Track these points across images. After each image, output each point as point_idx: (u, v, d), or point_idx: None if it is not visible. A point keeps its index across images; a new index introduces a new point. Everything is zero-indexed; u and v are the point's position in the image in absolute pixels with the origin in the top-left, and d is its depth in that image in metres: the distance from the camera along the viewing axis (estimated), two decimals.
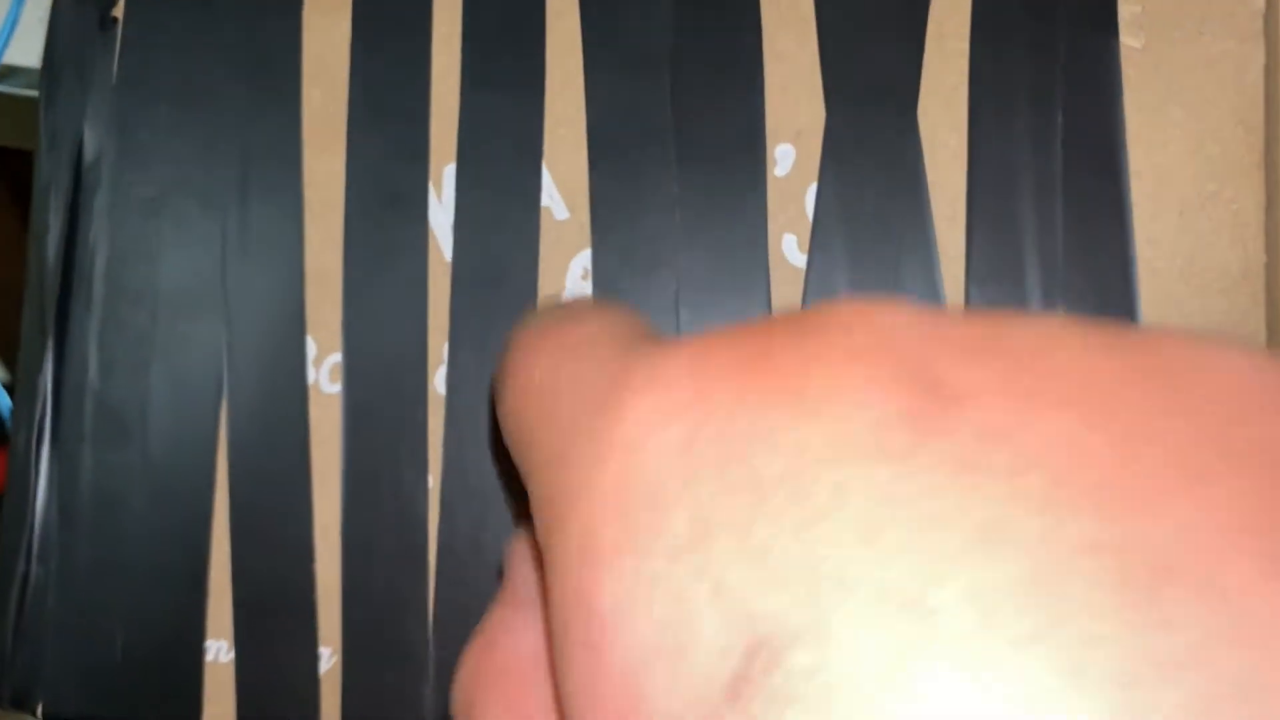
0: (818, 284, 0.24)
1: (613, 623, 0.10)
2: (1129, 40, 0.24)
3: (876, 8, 0.25)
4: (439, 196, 0.25)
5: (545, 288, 0.25)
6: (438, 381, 0.25)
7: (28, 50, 0.34)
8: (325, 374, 0.25)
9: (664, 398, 0.11)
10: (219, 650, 0.25)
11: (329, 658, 0.25)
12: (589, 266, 0.25)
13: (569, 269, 0.25)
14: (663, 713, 0.09)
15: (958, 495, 0.09)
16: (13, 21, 0.32)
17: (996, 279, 0.24)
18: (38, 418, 0.26)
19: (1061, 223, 0.24)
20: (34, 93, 0.34)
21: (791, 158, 0.25)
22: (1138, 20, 0.24)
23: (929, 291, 0.24)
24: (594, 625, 0.10)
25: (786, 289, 0.24)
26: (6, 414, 0.27)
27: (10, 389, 0.27)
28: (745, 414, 0.10)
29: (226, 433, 0.25)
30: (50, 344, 0.26)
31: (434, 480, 0.25)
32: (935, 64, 0.24)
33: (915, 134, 0.24)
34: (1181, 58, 0.24)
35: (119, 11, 0.27)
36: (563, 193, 0.25)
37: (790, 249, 0.24)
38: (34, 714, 0.25)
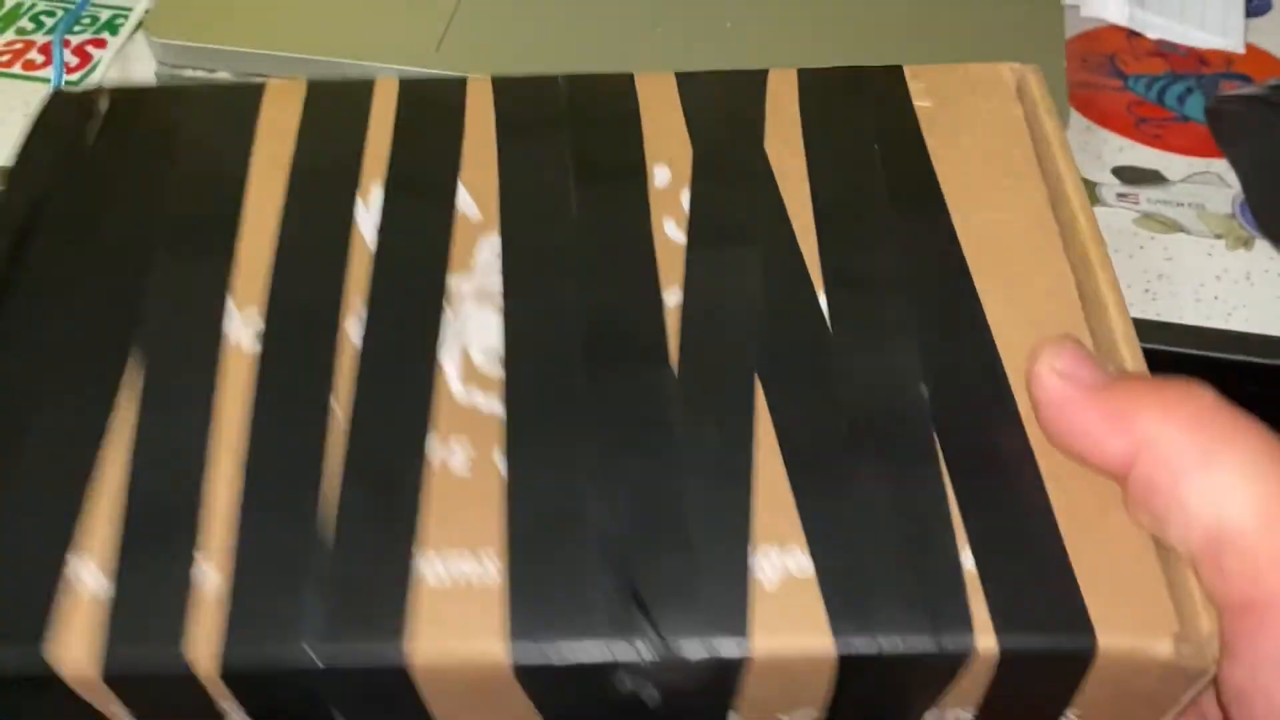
0: (698, 248, 0.28)
1: None
2: (920, 102, 0.31)
3: (726, 91, 0.31)
4: (367, 206, 0.29)
5: (458, 258, 0.28)
6: (351, 328, 0.27)
7: None
8: (246, 334, 0.27)
9: None
10: (89, 575, 0.23)
11: (212, 575, 0.23)
12: (496, 247, 0.28)
13: (478, 248, 0.28)
14: None
15: None
16: None
17: (846, 243, 0.28)
18: None
19: (889, 205, 0.29)
20: None
21: (668, 174, 0.30)
22: (925, 92, 0.32)
23: (789, 250, 0.28)
24: None
25: (669, 256, 0.28)
26: None
27: None
28: None
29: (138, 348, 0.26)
30: None
31: (340, 403, 0.25)
32: (774, 118, 0.31)
33: (763, 154, 0.30)
34: (963, 110, 0.31)
35: (103, 103, 0.32)
36: (478, 203, 0.29)
37: (671, 230, 0.28)
38: None
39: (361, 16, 0.48)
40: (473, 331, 0.27)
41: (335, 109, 0.31)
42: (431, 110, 0.31)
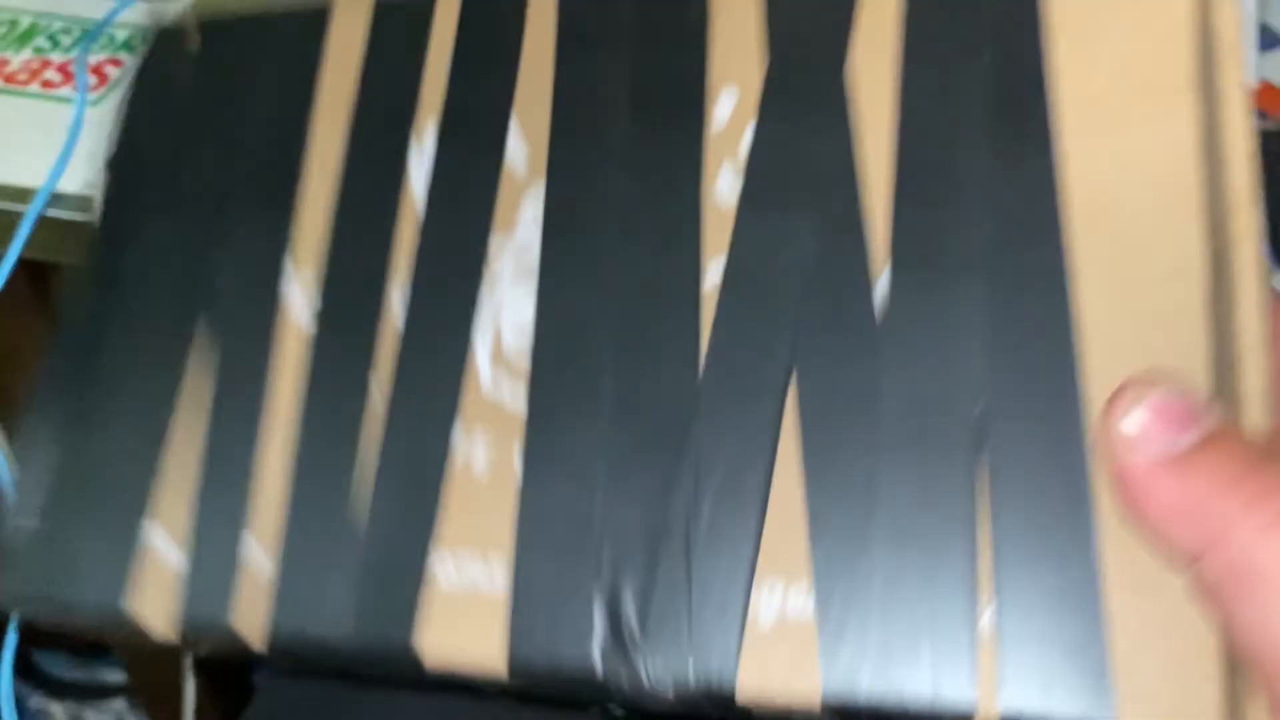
0: (746, 220, 0.25)
1: None
2: None
3: None
4: (420, 149, 0.28)
5: (499, 224, 0.27)
6: (394, 301, 0.27)
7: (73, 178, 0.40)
8: (304, 305, 0.28)
9: None
10: (165, 546, 0.26)
11: (257, 548, 0.25)
12: (540, 211, 0.26)
13: (521, 209, 0.27)
14: None
15: None
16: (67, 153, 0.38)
17: (924, 208, 0.24)
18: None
19: (986, 153, 0.24)
20: (74, 215, 0.40)
21: (732, 104, 0.26)
22: None
23: (850, 218, 0.24)
24: None
25: (718, 223, 0.25)
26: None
27: None
28: None
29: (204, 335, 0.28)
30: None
31: (380, 383, 0.26)
32: (870, 12, 0.26)
33: (842, 80, 0.25)
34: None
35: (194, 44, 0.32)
36: (528, 144, 0.27)
37: (724, 187, 0.25)
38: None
39: None
40: (507, 311, 0.26)
41: (398, 31, 0.30)
42: (491, 24, 0.29)
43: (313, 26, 0.30)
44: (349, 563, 0.25)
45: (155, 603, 0.26)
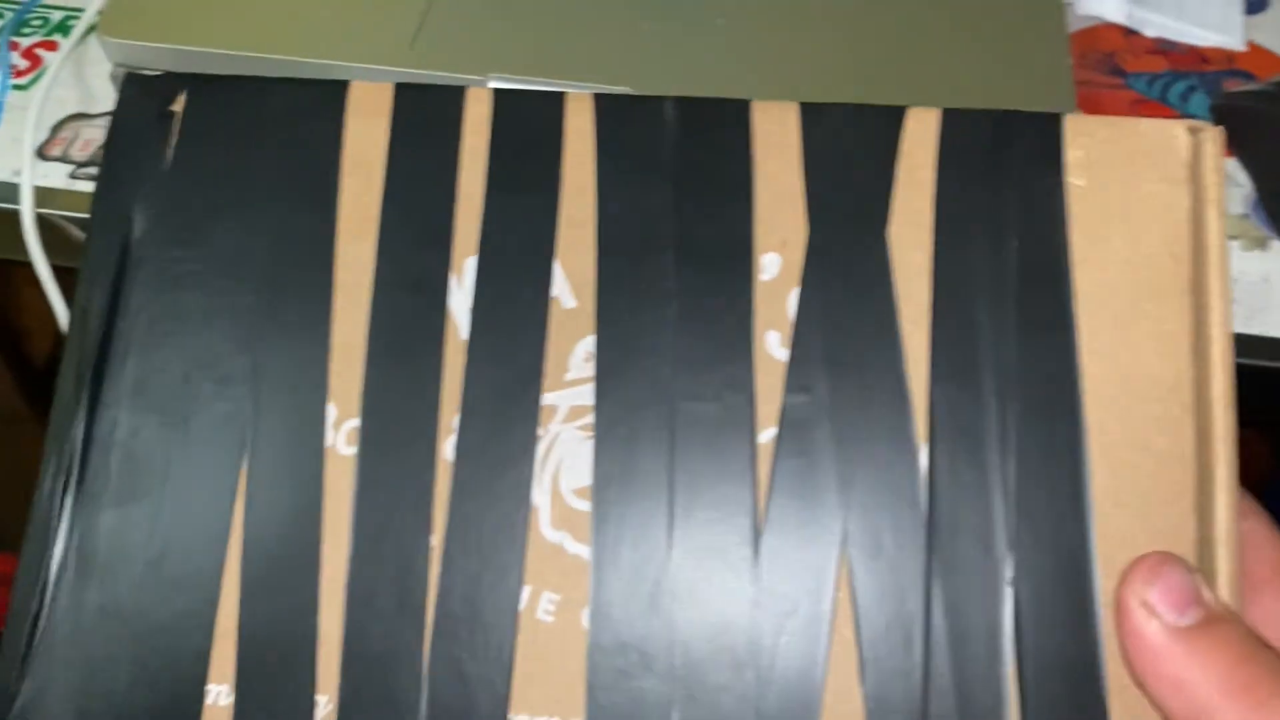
0: (798, 377, 0.27)
1: None
2: (1074, 180, 0.28)
3: (854, 137, 0.28)
4: (460, 283, 0.28)
5: (551, 368, 0.27)
6: (447, 449, 0.27)
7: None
8: (343, 437, 0.27)
9: None
10: (219, 694, 0.26)
11: (325, 705, 0.26)
12: (592, 350, 0.27)
13: (573, 351, 0.27)
14: None
15: None
16: None
17: (956, 380, 0.26)
18: (65, 468, 0.27)
19: (1015, 333, 0.27)
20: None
21: (778, 265, 0.28)
22: (1081, 163, 0.28)
23: (896, 388, 0.27)
24: None
25: (768, 380, 0.27)
26: None
27: None
28: None
29: (245, 487, 0.27)
30: (84, 401, 0.28)
31: (436, 540, 0.26)
32: (905, 189, 0.28)
33: (884, 249, 0.27)
34: (1120, 196, 0.27)
35: (178, 105, 0.30)
36: (572, 284, 0.28)
37: (773, 344, 0.27)
38: None
39: (325, 13, 0.41)
40: (564, 464, 0.27)
41: (424, 131, 0.29)
42: (526, 137, 0.29)
43: (325, 104, 0.29)
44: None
45: None
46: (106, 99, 0.43)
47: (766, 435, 0.27)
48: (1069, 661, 0.25)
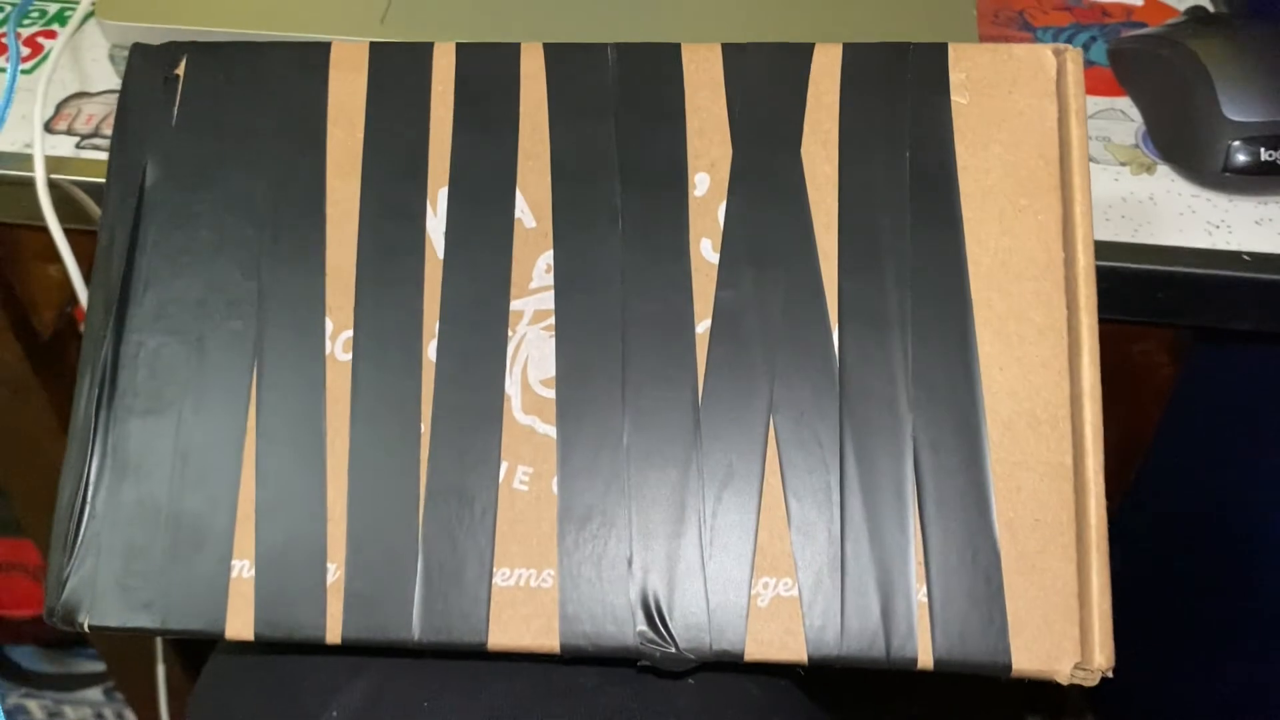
0: (727, 276, 0.31)
1: None
2: (958, 98, 0.32)
3: (770, 71, 0.33)
4: (434, 211, 0.32)
5: (517, 279, 0.32)
6: (430, 351, 0.31)
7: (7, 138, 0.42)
8: (339, 346, 0.32)
9: None
10: (242, 568, 0.30)
11: (334, 571, 0.30)
12: (551, 263, 0.32)
13: (535, 264, 0.32)
14: None
15: None
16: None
17: (862, 272, 0.31)
18: (98, 384, 0.32)
19: (910, 230, 0.31)
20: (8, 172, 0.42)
21: (707, 182, 0.32)
22: (964, 84, 0.32)
23: (811, 281, 0.31)
24: None
25: (703, 280, 0.31)
26: None
27: None
28: None
29: (256, 392, 0.31)
30: (110, 327, 0.32)
31: (425, 428, 0.31)
32: (814, 113, 0.32)
33: (799, 164, 0.32)
34: (997, 110, 0.32)
35: (180, 70, 0.34)
36: (532, 208, 0.32)
37: (706, 250, 0.32)
38: (82, 628, 0.30)
39: None
40: (531, 359, 0.31)
41: (397, 83, 0.33)
42: (487, 88, 0.33)
43: (310, 63, 0.33)
44: (416, 578, 0.30)
45: (243, 619, 0.30)
46: (103, 79, 0.47)
47: (703, 326, 0.31)
48: (963, 498, 0.29)
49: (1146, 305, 0.42)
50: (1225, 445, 0.56)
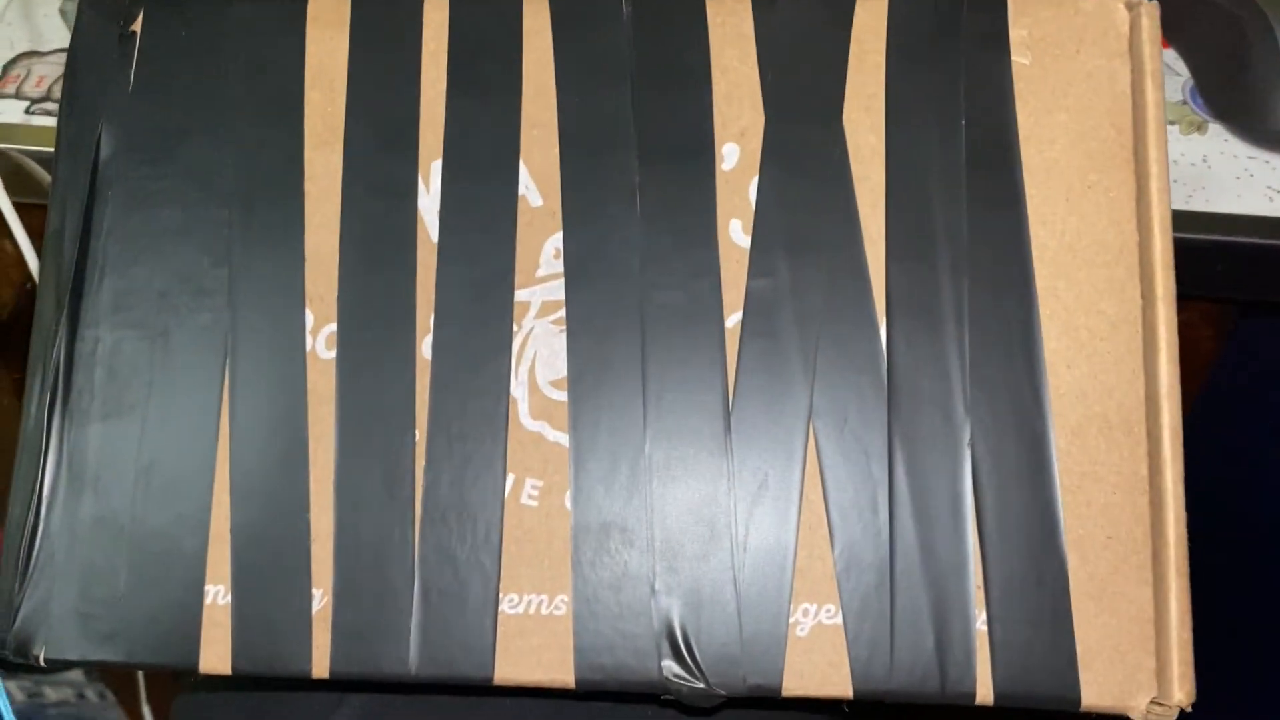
0: (760, 262, 0.28)
1: None
2: (1019, 58, 0.28)
3: (806, 26, 0.29)
4: (427, 188, 0.29)
5: (521, 265, 0.28)
6: (424, 348, 0.28)
7: None
8: (321, 342, 0.28)
9: None
10: (217, 594, 0.27)
11: (320, 598, 0.27)
12: (560, 247, 0.28)
13: (542, 249, 0.28)
14: None
15: None
16: None
17: (912, 257, 0.28)
18: (50, 387, 0.28)
19: (966, 210, 0.28)
20: None
21: (737, 154, 0.28)
22: (1025, 41, 0.28)
23: (854, 268, 0.28)
24: None
25: (733, 266, 0.28)
26: None
27: None
28: None
29: (229, 396, 0.28)
30: (63, 322, 0.28)
31: (419, 435, 0.27)
32: (857, 75, 0.28)
33: (841, 134, 0.28)
34: (1063, 71, 0.28)
35: (136, 26, 0.30)
36: (537, 183, 0.28)
37: (736, 232, 0.28)
38: (36, 660, 0.27)
39: None
40: (540, 357, 0.28)
41: (383, 39, 0.29)
42: (485, 43, 0.29)
43: (284, 18, 0.29)
44: (412, 610, 0.27)
45: (219, 651, 0.27)
46: (56, 37, 0.42)
47: (732, 320, 0.27)
48: (1027, 514, 0.26)
49: (1202, 279, 0.38)
50: (1265, 423, 0.53)
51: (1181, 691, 0.25)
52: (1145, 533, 0.26)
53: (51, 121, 0.38)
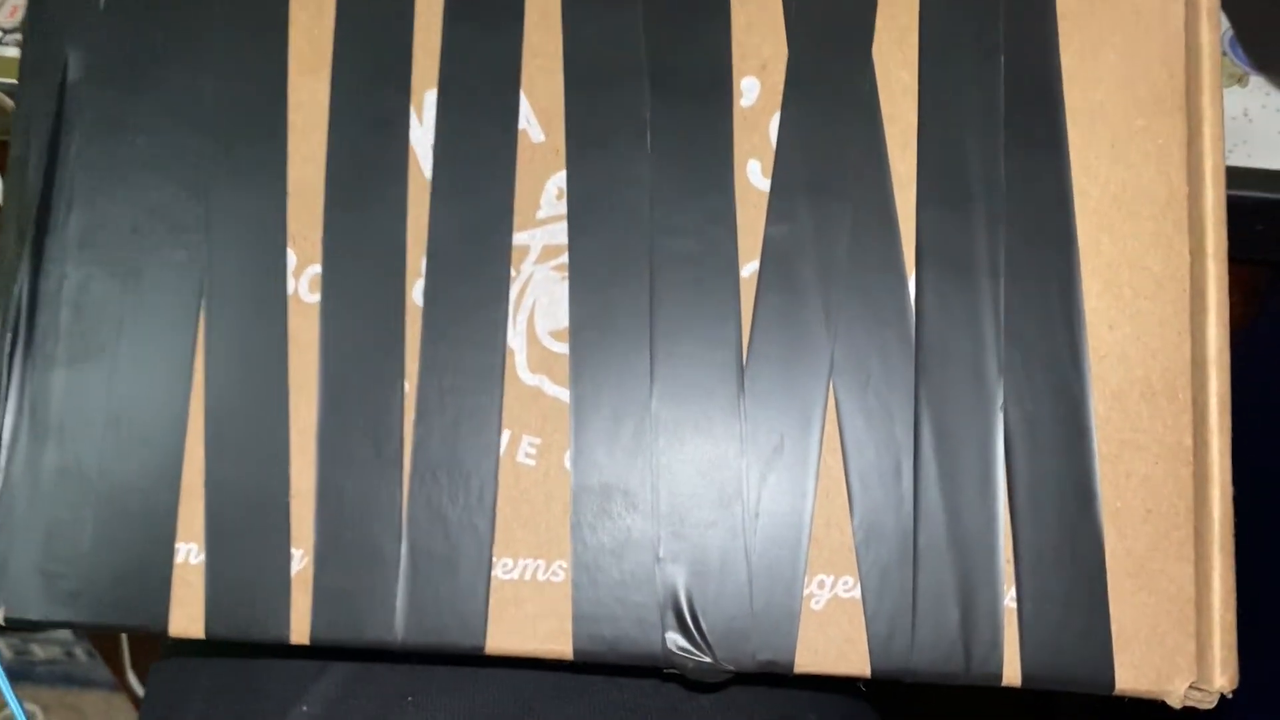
0: (779, 207, 0.26)
1: None
2: None
3: None
4: (420, 119, 0.26)
5: (521, 205, 0.26)
6: (415, 293, 0.26)
7: None
8: (305, 284, 0.26)
9: None
10: (189, 552, 0.25)
11: (300, 559, 0.25)
12: (563, 186, 0.26)
13: (544, 188, 0.26)
14: None
15: None
16: None
17: (945, 204, 0.25)
18: (11, 328, 0.26)
19: (1004, 153, 0.25)
20: None
21: (757, 89, 0.26)
22: None
23: (882, 214, 0.25)
24: None
25: (750, 211, 0.26)
26: None
27: None
28: None
29: (205, 340, 0.26)
30: (26, 257, 0.26)
31: (409, 387, 0.25)
32: (888, 5, 0.26)
33: (870, 69, 0.26)
34: (1112, 7, 0.26)
35: None
36: (539, 118, 0.26)
37: (754, 174, 0.26)
38: None
39: None
40: (539, 306, 0.26)
41: None
42: None
43: None
44: (398, 574, 0.25)
45: (191, 612, 0.25)
46: None
47: (748, 269, 0.25)
48: (1062, 484, 0.24)
49: (1240, 239, 0.36)
50: None
51: (1224, 676, 0.24)
52: (1188, 507, 0.24)
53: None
